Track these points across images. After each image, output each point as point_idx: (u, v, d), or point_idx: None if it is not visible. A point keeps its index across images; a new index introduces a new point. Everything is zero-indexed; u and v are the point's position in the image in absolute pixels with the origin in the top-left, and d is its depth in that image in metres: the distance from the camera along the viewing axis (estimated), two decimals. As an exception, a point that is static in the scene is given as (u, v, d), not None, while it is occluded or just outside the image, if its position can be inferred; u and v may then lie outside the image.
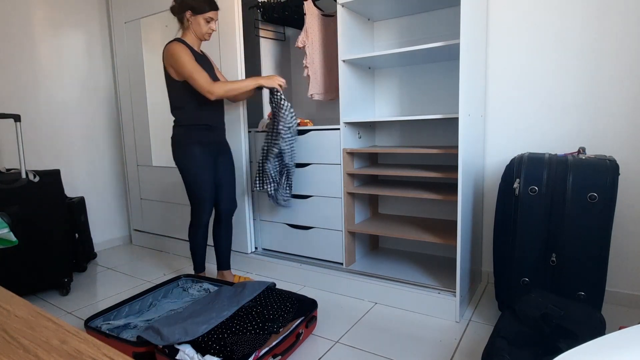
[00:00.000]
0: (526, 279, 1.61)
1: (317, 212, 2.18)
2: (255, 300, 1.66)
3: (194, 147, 1.94)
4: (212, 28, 1.93)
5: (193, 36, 1.93)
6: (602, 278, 1.49)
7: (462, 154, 1.67)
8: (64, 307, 2.05)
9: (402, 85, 2.30)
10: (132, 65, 2.84)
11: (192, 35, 1.93)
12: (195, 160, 1.94)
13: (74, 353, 0.51)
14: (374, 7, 2.06)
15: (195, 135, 1.95)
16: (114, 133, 3.09)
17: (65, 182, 2.77)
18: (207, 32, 1.92)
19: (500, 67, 2.00)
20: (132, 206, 3.09)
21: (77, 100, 2.84)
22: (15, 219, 1.98)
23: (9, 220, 1.39)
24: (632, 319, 1.73)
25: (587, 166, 1.49)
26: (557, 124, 1.91)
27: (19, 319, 0.61)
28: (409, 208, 2.36)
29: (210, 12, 1.88)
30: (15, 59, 2.52)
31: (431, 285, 1.89)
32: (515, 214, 1.60)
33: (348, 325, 1.76)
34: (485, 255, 2.16)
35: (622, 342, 0.63)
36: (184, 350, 1.36)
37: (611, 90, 1.78)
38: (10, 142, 2.52)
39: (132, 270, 2.57)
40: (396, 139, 2.36)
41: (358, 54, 1.97)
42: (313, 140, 2.14)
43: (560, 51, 1.86)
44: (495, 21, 1.99)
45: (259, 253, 2.44)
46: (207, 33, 1.93)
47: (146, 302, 1.88)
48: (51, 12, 2.67)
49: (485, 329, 1.69)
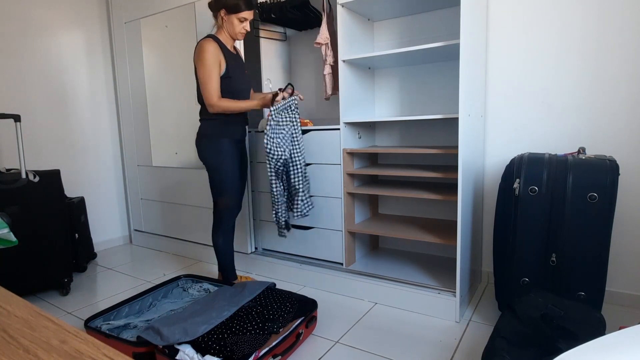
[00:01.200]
0: (526, 279, 1.61)
1: (317, 212, 2.18)
2: (255, 300, 1.66)
3: (222, 140, 1.89)
4: (246, 28, 1.88)
5: (226, 35, 1.89)
6: (602, 278, 1.49)
7: (462, 154, 1.67)
8: (64, 307, 2.05)
9: (402, 85, 2.30)
10: (132, 65, 2.84)
11: (225, 34, 1.89)
12: (224, 154, 1.88)
13: (74, 353, 0.51)
14: (374, 7, 2.06)
15: (225, 129, 1.90)
16: (114, 133, 3.09)
17: (65, 182, 2.77)
18: (240, 32, 1.87)
19: (500, 67, 2.00)
20: (132, 206, 3.09)
21: (77, 100, 2.84)
22: (15, 219, 1.98)
23: (9, 220, 1.39)
24: (632, 319, 1.73)
25: (587, 166, 1.49)
26: (557, 124, 1.91)
27: (19, 319, 0.61)
28: (409, 208, 2.36)
29: (245, 11, 1.83)
30: (15, 59, 2.52)
31: (431, 286, 1.89)
32: (515, 214, 1.60)
33: (348, 325, 1.76)
34: (485, 255, 2.16)
35: (622, 342, 0.63)
36: (184, 351, 1.36)
37: (611, 90, 1.78)
38: (10, 142, 2.52)
39: (132, 270, 2.57)
40: (396, 139, 2.36)
41: (358, 54, 1.97)
42: (313, 140, 2.14)
43: (560, 51, 1.86)
44: (495, 21, 1.99)
45: (259, 253, 2.44)
46: (240, 33, 1.88)
47: (146, 302, 1.88)
48: (51, 12, 2.67)
49: (485, 329, 1.69)
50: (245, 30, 1.89)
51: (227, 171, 1.90)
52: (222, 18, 1.86)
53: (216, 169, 1.90)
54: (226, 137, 1.90)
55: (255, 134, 2.34)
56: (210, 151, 1.89)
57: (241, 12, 1.83)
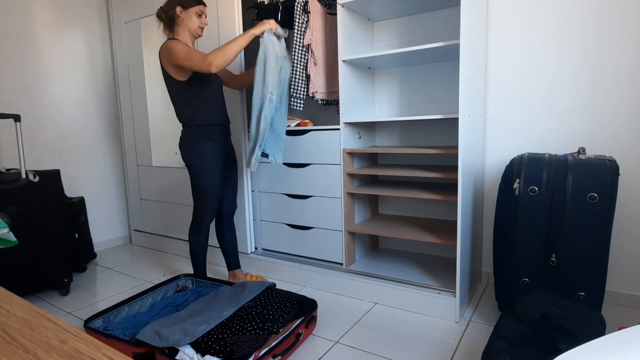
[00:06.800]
0: (526, 279, 1.61)
1: (317, 212, 2.18)
2: (255, 300, 1.66)
3: (206, 145, 1.90)
4: (204, 22, 1.91)
5: (187, 34, 1.89)
6: (602, 278, 1.49)
7: (462, 154, 1.67)
8: (64, 307, 2.05)
9: (402, 85, 2.30)
10: (132, 65, 2.84)
11: (186, 33, 1.89)
12: (207, 160, 1.90)
13: (73, 353, 0.51)
14: (374, 7, 2.06)
15: (207, 135, 1.91)
16: (114, 133, 3.09)
17: (65, 182, 2.77)
18: (199, 26, 1.90)
19: (500, 67, 2.00)
20: (132, 206, 3.09)
21: (77, 100, 2.84)
22: (15, 219, 1.98)
23: (9, 220, 1.39)
24: (632, 319, 1.73)
25: (587, 166, 1.49)
26: (557, 124, 1.91)
27: (19, 319, 0.61)
28: (409, 208, 2.36)
29: (200, 5, 1.87)
30: (15, 58, 2.52)
31: (431, 286, 1.89)
32: (515, 214, 1.60)
33: (348, 326, 1.76)
34: (485, 255, 2.16)
35: (622, 342, 0.63)
36: (184, 351, 1.36)
37: (611, 91, 1.78)
38: (10, 142, 2.52)
39: (132, 270, 2.57)
40: (396, 139, 2.36)
41: (358, 54, 1.97)
42: (313, 140, 2.14)
43: (560, 51, 1.86)
44: (495, 21, 1.99)
45: (259, 253, 2.44)
46: (200, 27, 1.90)
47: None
48: (51, 12, 2.67)
49: (485, 329, 1.69)
50: (204, 24, 1.91)
51: (207, 176, 1.92)
52: (179, 16, 1.86)
53: (197, 173, 1.92)
54: (209, 142, 1.91)
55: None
56: (192, 155, 1.91)
57: (198, 5, 1.86)
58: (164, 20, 1.90)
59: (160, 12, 1.89)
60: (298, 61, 2.21)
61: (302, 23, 2.19)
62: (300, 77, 2.21)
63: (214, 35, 2.32)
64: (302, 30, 2.19)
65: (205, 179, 1.92)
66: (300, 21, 2.18)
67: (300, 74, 2.21)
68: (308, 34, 2.18)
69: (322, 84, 2.25)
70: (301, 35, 2.20)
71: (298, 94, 2.20)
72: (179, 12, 1.85)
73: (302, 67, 2.22)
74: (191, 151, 1.90)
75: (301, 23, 2.19)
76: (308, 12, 2.18)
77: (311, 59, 2.20)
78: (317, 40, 2.20)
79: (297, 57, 2.20)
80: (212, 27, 2.32)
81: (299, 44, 2.20)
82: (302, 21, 2.18)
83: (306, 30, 2.18)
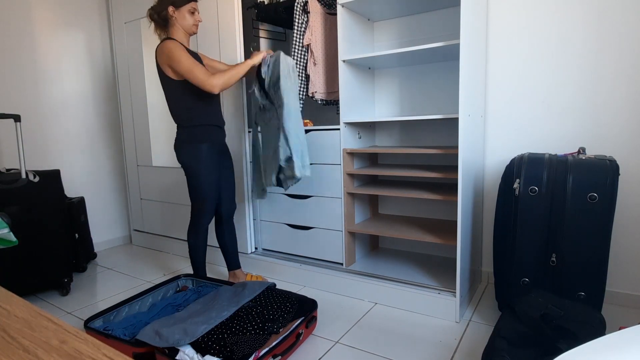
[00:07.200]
0: (526, 279, 1.61)
1: (317, 212, 2.18)
2: (255, 300, 1.66)
3: (201, 146, 1.90)
4: (198, 19, 1.90)
5: (181, 34, 1.89)
6: (602, 278, 1.49)
7: (462, 154, 1.67)
8: (64, 307, 2.05)
9: (402, 85, 2.30)
10: (132, 65, 2.84)
11: (181, 33, 1.88)
12: (204, 161, 1.90)
13: (73, 353, 0.51)
14: (374, 7, 2.06)
15: (203, 135, 1.91)
16: (114, 133, 3.09)
17: (65, 182, 2.77)
18: (194, 24, 1.89)
19: (500, 67, 2.00)
20: (132, 206, 3.09)
21: (77, 100, 2.84)
22: (15, 219, 1.98)
23: (9, 220, 1.39)
24: (632, 319, 1.73)
25: (587, 166, 1.49)
26: (557, 124, 1.91)
27: (19, 319, 0.61)
28: (409, 208, 2.36)
29: (191, 2, 1.86)
30: (15, 59, 2.52)
31: (431, 286, 1.89)
32: (515, 214, 1.60)
33: (348, 326, 1.76)
34: (485, 255, 2.16)
35: (622, 342, 0.63)
36: (184, 351, 1.36)
37: (611, 90, 1.78)
38: (10, 142, 2.52)
39: (132, 270, 2.57)
40: (396, 139, 2.36)
41: (358, 54, 1.97)
42: (313, 140, 2.14)
43: (560, 51, 1.86)
44: (495, 21, 1.99)
45: (259, 253, 2.44)
46: (194, 25, 1.89)
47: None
48: (51, 12, 2.67)
49: (485, 329, 1.69)
50: (198, 22, 1.90)
51: (204, 177, 1.92)
52: (172, 16, 1.85)
53: (193, 174, 1.92)
54: (205, 143, 1.91)
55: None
56: (188, 156, 1.90)
57: (189, 3, 1.85)
58: (156, 20, 1.89)
59: (152, 12, 1.87)
60: (298, 61, 2.21)
61: (302, 23, 2.19)
62: (299, 77, 2.21)
63: (214, 35, 2.32)
64: (302, 30, 2.19)
65: (202, 180, 1.92)
66: (299, 21, 2.18)
67: (300, 74, 2.21)
68: (308, 34, 2.18)
69: (322, 84, 2.25)
70: (301, 35, 2.19)
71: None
72: (171, 12, 1.84)
73: (301, 67, 2.22)
74: (187, 152, 1.90)
75: (301, 23, 2.19)
76: (308, 12, 2.18)
77: (311, 59, 2.20)
78: (316, 41, 2.20)
79: (297, 58, 2.20)
80: (212, 27, 2.32)
81: (298, 44, 2.20)
82: (302, 21, 2.18)
83: (306, 30, 2.19)
